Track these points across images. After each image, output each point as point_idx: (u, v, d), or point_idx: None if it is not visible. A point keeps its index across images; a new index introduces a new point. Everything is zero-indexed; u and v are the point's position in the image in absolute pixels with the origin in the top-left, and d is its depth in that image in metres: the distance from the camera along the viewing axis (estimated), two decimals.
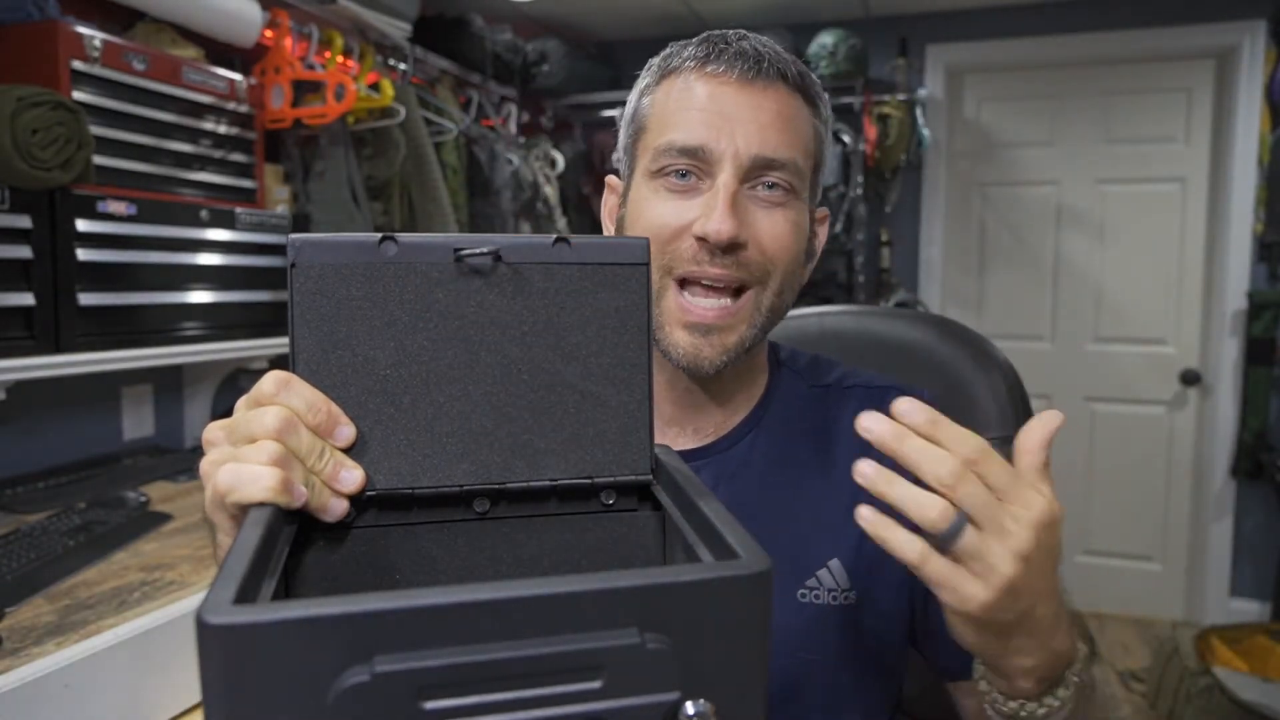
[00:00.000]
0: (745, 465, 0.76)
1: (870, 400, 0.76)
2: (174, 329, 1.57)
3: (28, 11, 1.42)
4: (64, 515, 1.31)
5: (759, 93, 0.69)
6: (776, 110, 0.69)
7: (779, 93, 0.70)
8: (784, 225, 0.70)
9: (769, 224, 0.69)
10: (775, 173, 0.69)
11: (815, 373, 0.82)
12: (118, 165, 1.49)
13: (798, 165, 0.70)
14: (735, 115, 0.68)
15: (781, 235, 0.69)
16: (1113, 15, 2.94)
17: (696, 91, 0.70)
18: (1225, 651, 2.46)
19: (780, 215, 0.70)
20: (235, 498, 0.42)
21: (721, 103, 0.69)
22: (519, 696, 0.31)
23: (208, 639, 0.30)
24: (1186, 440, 3.07)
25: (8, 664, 0.89)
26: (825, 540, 0.73)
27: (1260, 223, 2.83)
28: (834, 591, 0.72)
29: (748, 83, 0.69)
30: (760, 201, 0.69)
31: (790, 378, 0.81)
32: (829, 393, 0.80)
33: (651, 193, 0.71)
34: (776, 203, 0.70)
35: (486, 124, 2.73)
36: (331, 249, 0.46)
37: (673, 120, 0.70)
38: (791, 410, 0.79)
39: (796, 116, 0.70)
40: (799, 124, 0.71)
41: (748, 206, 0.69)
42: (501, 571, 0.49)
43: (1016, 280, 3.21)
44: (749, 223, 0.68)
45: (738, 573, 0.34)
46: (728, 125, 0.68)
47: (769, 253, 0.69)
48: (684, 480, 0.46)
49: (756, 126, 0.68)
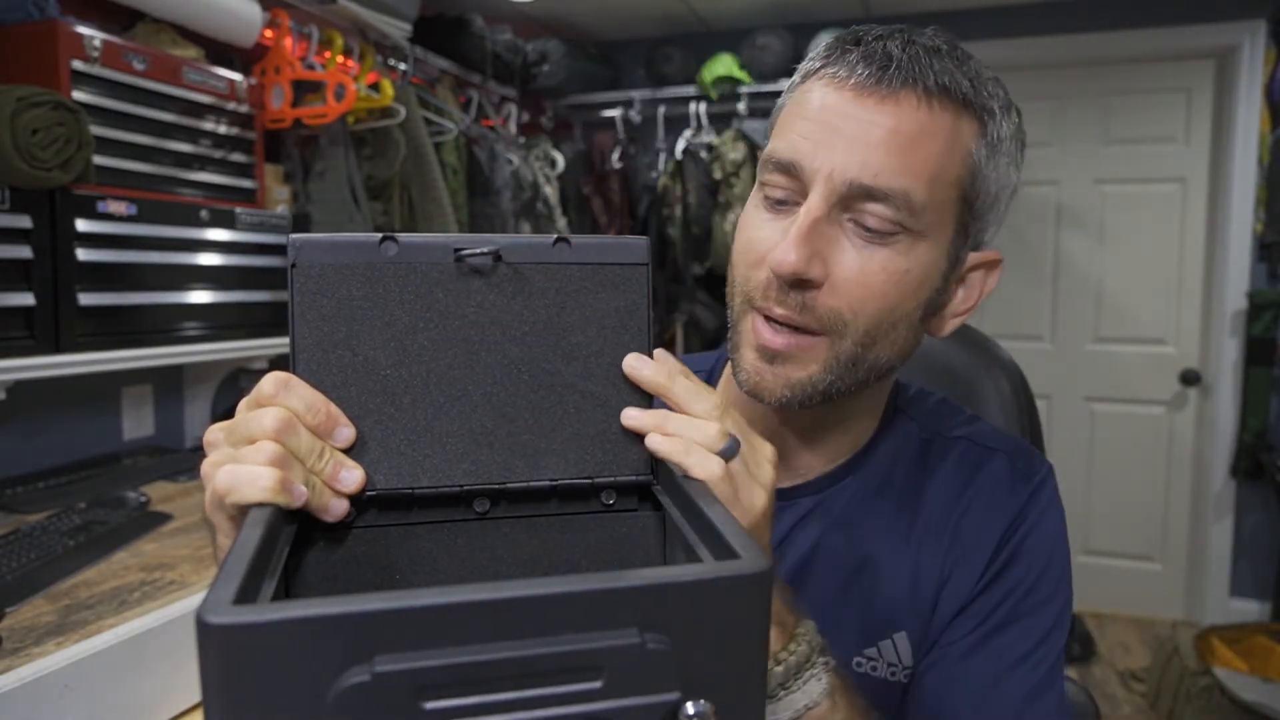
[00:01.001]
0: (827, 513, 0.69)
1: (973, 458, 0.69)
2: (174, 329, 1.57)
3: (28, 11, 1.42)
4: (64, 515, 1.31)
5: (876, 105, 0.58)
6: (893, 127, 0.57)
7: (905, 105, 0.58)
8: (875, 268, 0.58)
9: (856, 264, 0.58)
10: (877, 204, 0.58)
11: (937, 419, 0.73)
12: (118, 165, 1.49)
13: (910, 198, 0.57)
14: (840, 130, 0.58)
15: (870, 280, 0.58)
16: (1113, 15, 2.94)
17: (811, 99, 0.61)
18: (1225, 651, 2.46)
19: (877, 256, 0.59)
20: (234, 498, 0.42)
21: (829, 114, 0.59)
22: (519, 697, 0.31)
23: (208, 639, 0.30)
24: (1186, 440, 3.07)
25: (8, 664, 0.89)
26: (896, 610, 0.66)
27: (1260, 223, 2.83)
28: (894, 667, 0.66)
29: (865, 91, 0.58)
30: (857, 235, 0.59)
31: (905, 424, 0.73)
32: (934, 442, 0.71)
33: (753, 206, 0.64)
34: (875, 241, 0.59)
35: (486, 124, 2.73)
36: (331, 249, 0.45)
37: (783, 128, 0.62)
38: (897, 460, 0.70)
39: (926, 136, 0.58)
40: (928, 144, 0.58)
41: (838, 240, 0.59)
42: (501, 571, 0.49)
43: (1016, 280, 3.20)
44: (831, 259, 0.59)
45: (738, 572, 0.34)
46: (828, 141, 0.58)
47: (848, 298, 0.59)
48: (685, 480, 0.46)
49: (861, 145, 0.57)
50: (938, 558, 0.67)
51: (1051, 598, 0.65)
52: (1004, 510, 0.67)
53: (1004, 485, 0.68)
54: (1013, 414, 0.95)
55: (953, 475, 0.69)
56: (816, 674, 0.53)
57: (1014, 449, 0.70)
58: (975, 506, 0.67)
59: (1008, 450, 0.70)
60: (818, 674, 0.53)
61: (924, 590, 0.67)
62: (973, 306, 0.67)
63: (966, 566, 0.66)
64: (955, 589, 0.66)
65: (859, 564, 0.68)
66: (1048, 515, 0.68)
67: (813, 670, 0.53)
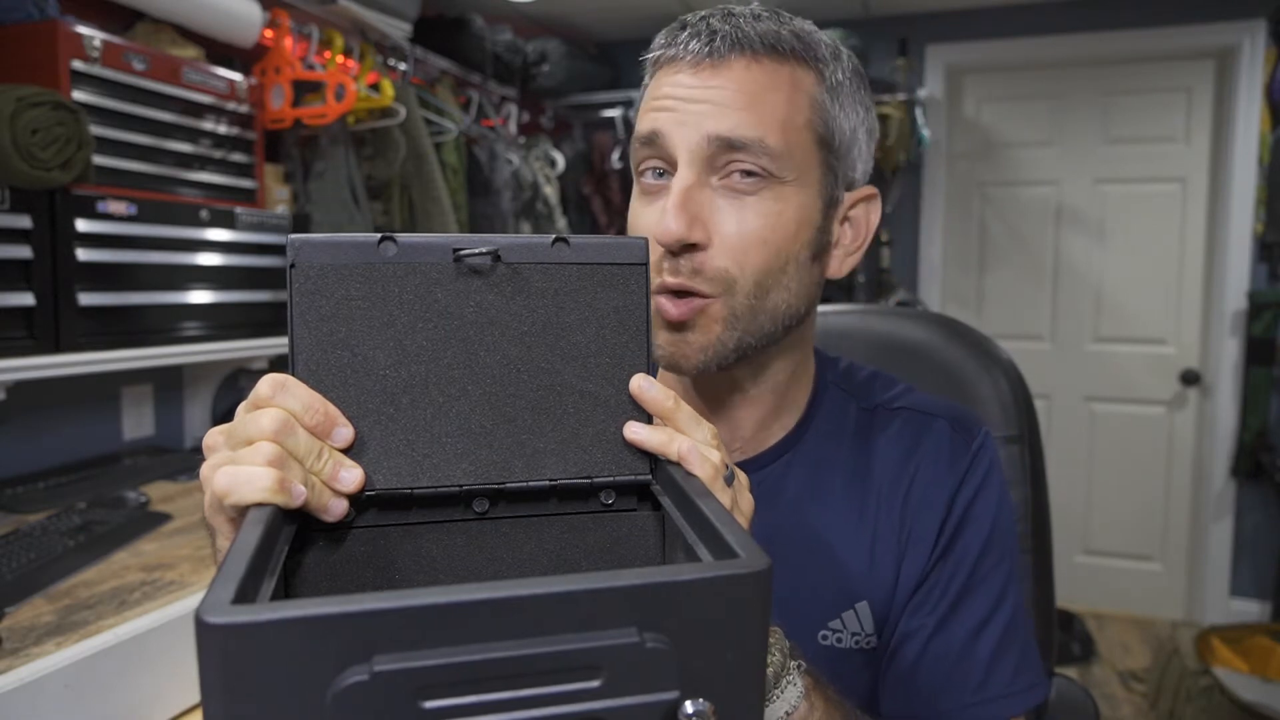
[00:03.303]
0: (777, 491, 0.71)
1: (914, 426, 0.72)
2: (174, 329, 1.57)
3: (28, 11, 1.42)
4: (64, 515, 1.31)
5: (711, 73, 0.62)
6: (737, 87, 0.62)
7: (736, 68, 0.62)
8: (750, 217, 0.62)
9: (734, 219, 0.62)
10: (741, 154, 0.61)
11: (868, 391, 0.75)
12: (118, 165, 1.49)
13: (766, 144, 0.61)
14: (688, 100, 0.62)
15: (748, 231, 0.62)
16: (1113, 15, 2.94)
17: (660, 84, 0.65)
18: (1225, 651, 2.46)
19: (750, 206, 0.62)
20: (233, 499, 0.42)
21: (676, 90, 0.63)
22: (518, 696, 0.31)
23: (207, 639, 0.30)
24: (1186, 440, 3.07)
25: (8, 664, 0.89)
26: (855, 580, 0.68)
27: (1260, 223, 2.83)
28: (858, 635, 0.68)
29: (700, 64, 0.63)
30: (729, 194, 0.62)
31: (838, 397, 0.75)
32: (875, 414, 0.73)
33: (635, 196, 0.68)
34: (746, 191, 0.62)
35: (486, 124, 2.73)
36: (331, 249, 0.46)
37: (640, 118, 0.67)
38: (834, 433, 0.73)
39: (765, 90, 0.62)
40: (769, 97, 0.62)
41: (713, 202, 0.62)
42: (501, 571, 0.49)
43: (1016, 280, 3.21)
44: (710, 221, 0.62)
45: (737, 572, 0.34)
46: (680, 112, 0.62)
47: (732, 254, 0.62)
48: (683, 480, 0.46)
49: (710, 106, 0.61)
50: (892, 526, 0.69)
51: (1001, 559, 0.69)
52: (949, 475, 0.70)
53: (945, 451, 0.71)
54: (1012, 414, 0.95)
55: (896, 444, 0.72)
56: (791, 679, 0.53)
57: (952, 415, 0.73)
58: (921, 473, 0.70)
59: (947, 416, 0.73)
60: (793, 679, 0.53)
61: (881, 559, 0.69)
62: (864, 242, 0.71)
63: (920, 532, 0.69)
64: (914, 558, 0.69)
65: (814, 539, 0.70)
66: (990, 478, 0.71)
67: (788, 677, 0.53)
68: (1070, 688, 0.96)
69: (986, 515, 0.69)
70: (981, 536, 0.69)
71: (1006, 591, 0.69)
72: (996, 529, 0.69)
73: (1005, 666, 0.67)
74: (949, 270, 3.26)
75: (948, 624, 0.67)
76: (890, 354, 0.99)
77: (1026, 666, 0.68)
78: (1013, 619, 0.68)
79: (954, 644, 0.67)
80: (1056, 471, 2.79)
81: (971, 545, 0.68)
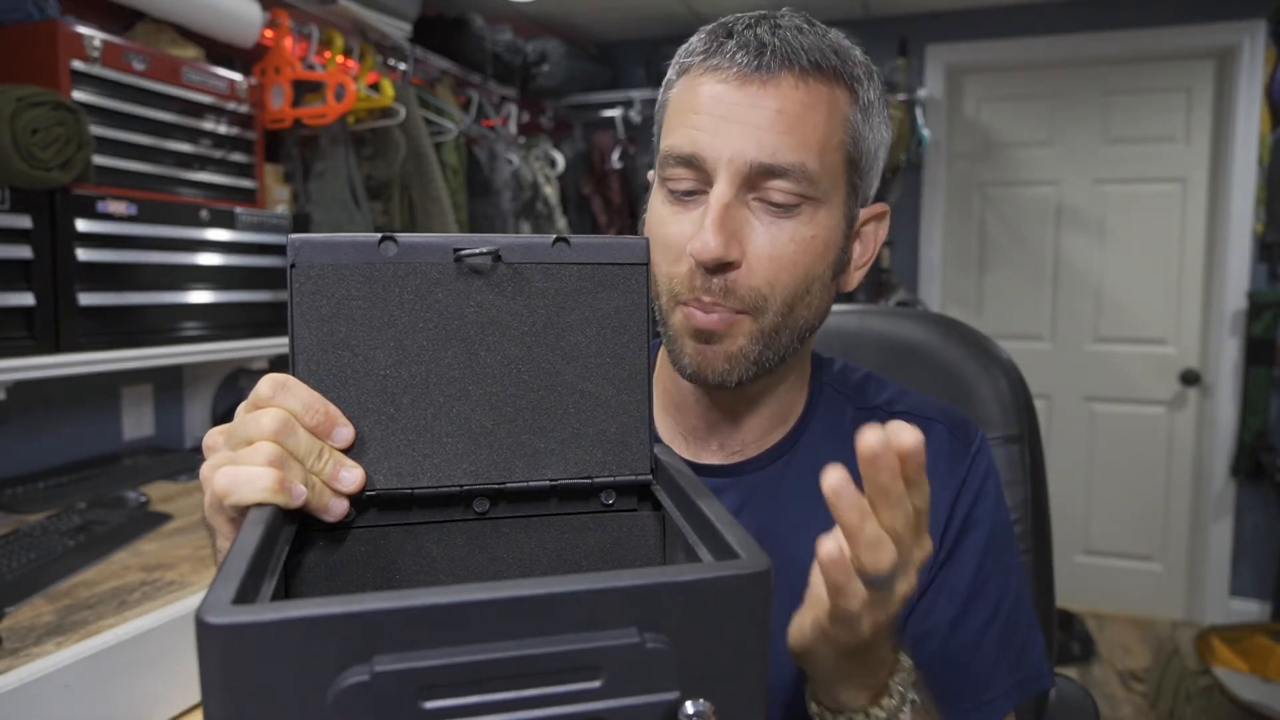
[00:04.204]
0: (773, 492, 0.71)
1: None
2: (174, 329, 1.57)
3: (28, 11, 1.42)
4: (64, 515, 1.31)
5: (759, 89, 0.62)
6: (779, 108, 0.62)
7: (784, 86, 0.62)
8: (785, 240, 0.63)
9: (767, 240, 0.63)
10: (780, 181, 0.62)
11: (863, 393, 0.76)
12: (118, 165, 1.49)
13: (806, 169, 0.62)
14: (732, 117, 0.62)
15: (781, 253, 0.63)
16: (1113, 15, 2.94)
17: (699, 92, 0.64)
18: (1225, 651, 2.46)
19: (785, 228, 0.63)
20: (233, 499, 0.42)
21: (719, 105, 0.63)
22: (519, 696, 0.31)
23: (207, 639, 0.30)
24: (1186, 440, 3.07)
25: (8, 664, 0.89)
26: None
27: (1260, 223, 2.83)
28: None
29: (747, 78, 0.62)
30: (764, 213, 0.63)
31: (833, 398, 0.75)
32: (873, 417, 0.73)
33: (660, 201, 0.67)
34: (781, 215, 0.63)
35: (486, 124, 2.73)
36: (331, 249, 0.46)
37: (675, 123, 0.66)
38: (831, 434, 0.73)
39: (808, 110, 0.62)
40: (811, 118, 0.62)
41: (749, 220, 0.63)
42: (501, 571, 0.49)
43: (1016, 280, 3.21)
44: (745, 239, 0.62)
45: (737, 572, 0.34)
46: (723, 129, 0.62)
47: (764, 274, 0.63)
48: (684, 480, 0.46)
49: (754, 129, 0.61)
50: None
51: (1001, 558, 0.71)
52: (950, 479, 0.71)
53: (945, 455, 0.72)
54: (1012, 414, 0.94)
55: None
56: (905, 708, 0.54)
57: (949, 419, 0.74)
58: None
59: (945, 421, 0.74)
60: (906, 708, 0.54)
61: None
62: (871, 257, 0.72)
63: None
64: None
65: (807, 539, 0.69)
66: (988, 480, 0.72)
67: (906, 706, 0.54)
68: (1070, 688, 0.96)
69: (987, 517, 0.71)
70: (984, 538, 0.70)
71: (1008, 588, 0.70)
72: (997, 529, 0.71)
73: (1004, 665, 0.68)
74: (949, 270, 3.25)
75: (958, 629, 0.68)
76: (890, 354, 0.99)
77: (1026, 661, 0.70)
78: (1011, 617, 0.70)
79: (964, 646, 0.68)
80: (1056, 471, 2.79)
81: (975, 548, 0.69)
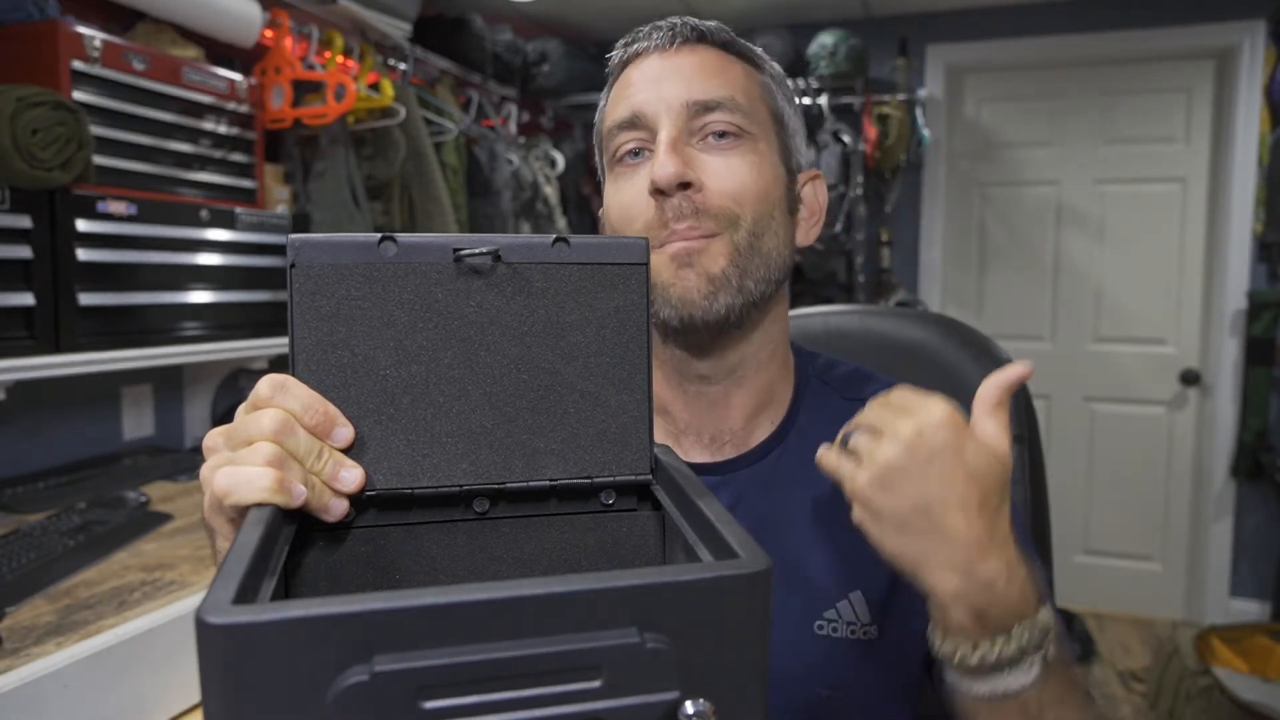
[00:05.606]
0: (767, 486, 0.72)
1: None
2: (174, 329, 1.57)
3: (28, 11, 1.42)
4: (64, 515, 1.31)
5: (679, 55, 0.69)
6: (700, 63, 0.69)
7: (703, 51, 0.70)
8: (737, 163, 0.67)
9: (722, 165, 0.67)
10: (716, 114, 0.67)
11: (851, 385, 0.77)
12: (118, 165, 1.49)
13: (737, 101, 0.68)
14: (662, 77, 0.69)
15: (737, 174, 0.67)
16: (1113, 15, 2.94)
17: (629, 77, 0.71)
18: (1225, 651, 2.46)
19: (733, 155, 0.68)
20: (233, 500, 0.42)
21: (648, 74, 0.70)
22: (518, 696, 0.31)
23: (207, 639, 0.30)
24: (1186, 440, 3.07)
25: (8, 664, 0.89)
26: (848, 571, 0.69)
27: (1260, 223, 2.83)
28: (853, 625, 0.69)
29: (666, 51, 0.70)
30: (711, 149, 0.68)
31: (820, 390, 0.77)
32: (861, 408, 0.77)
33: (613, 181, 0.71)
34: (727, 147, 0.68)
35: (486, 124, 2.73)
36: (331, 249, 0.46)
37: (613, 107, 0.72)
38: (820, 426, 0.74)
39: (727, 68, 0.70)
40: (729, 70, 0.70)
41: (697, 156, 0.67)
42: (501, 571, 0.49)
43: (1016, 280, 3.21)
44: (701, 168, 0.67)
45: (737, 572, 0.34)
46: (656, 87, 0.68)
47: (728, 191, 0.67)
48: (684, 480, 0.46)
49: (683, 80, 0.68)
50: None
51: None
52: None
53: None
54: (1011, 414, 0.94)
55: None
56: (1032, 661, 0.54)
57: None
58: None
59: None
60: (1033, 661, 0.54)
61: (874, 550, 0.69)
62: (820, 216, 0.77)
63: None
64: None
65: (806, 531, 0.71)
66: None
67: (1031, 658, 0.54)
68: None
69: None
70: None
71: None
72: None
73: None
74: (949, 270, 3.25)
75: None
76: (890, 354, 0.99)
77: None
78: None
79: None
80: (1056, 471, 2.79)
81: None
